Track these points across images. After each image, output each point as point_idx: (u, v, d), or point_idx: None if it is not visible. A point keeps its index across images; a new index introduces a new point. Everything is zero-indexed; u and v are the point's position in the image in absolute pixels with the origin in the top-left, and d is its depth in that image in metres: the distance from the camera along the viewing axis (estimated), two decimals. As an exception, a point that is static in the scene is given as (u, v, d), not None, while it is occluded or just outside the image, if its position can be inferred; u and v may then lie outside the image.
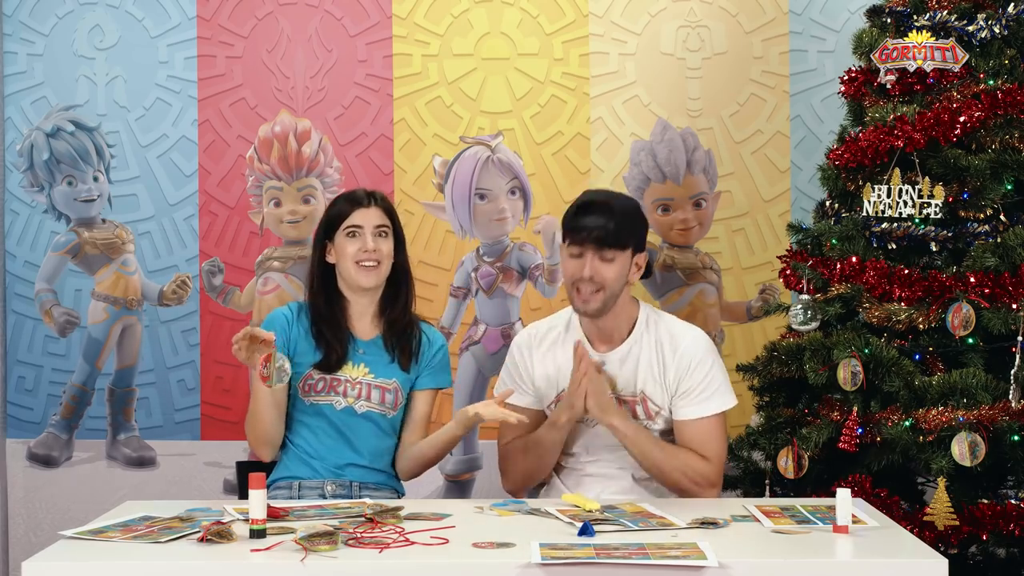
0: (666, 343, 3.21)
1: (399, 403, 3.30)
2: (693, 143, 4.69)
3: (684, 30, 4.71)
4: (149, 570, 2.46)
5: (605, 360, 3.19)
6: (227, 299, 4.72)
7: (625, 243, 3.13)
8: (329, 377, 3.27)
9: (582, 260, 3.12)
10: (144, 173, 4.74)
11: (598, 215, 3.11)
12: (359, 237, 3.26)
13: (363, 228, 3.26)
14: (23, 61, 4.75)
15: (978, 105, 3.66)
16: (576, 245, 3.13)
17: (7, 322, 4.76)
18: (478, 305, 4.69)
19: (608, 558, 2.40)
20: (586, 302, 3.13)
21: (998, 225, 3.66)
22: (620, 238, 3.11)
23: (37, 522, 4.69)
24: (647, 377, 3.19)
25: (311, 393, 3.27)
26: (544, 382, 3.25)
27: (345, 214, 3.28)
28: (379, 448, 3.31)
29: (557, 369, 3.24)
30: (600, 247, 3.10)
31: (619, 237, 3.11)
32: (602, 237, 3.10)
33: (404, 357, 3.31)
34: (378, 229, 3.27)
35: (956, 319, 3.51)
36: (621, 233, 3.11)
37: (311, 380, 3.27)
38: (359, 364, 3.28)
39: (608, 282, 3.12)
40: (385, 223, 3.28)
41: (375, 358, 3.29)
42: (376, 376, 3.27)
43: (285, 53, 4.73)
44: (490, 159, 4.70)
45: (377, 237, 3.26)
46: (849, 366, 3.53)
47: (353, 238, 3.26)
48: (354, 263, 3.25)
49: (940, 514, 3.39)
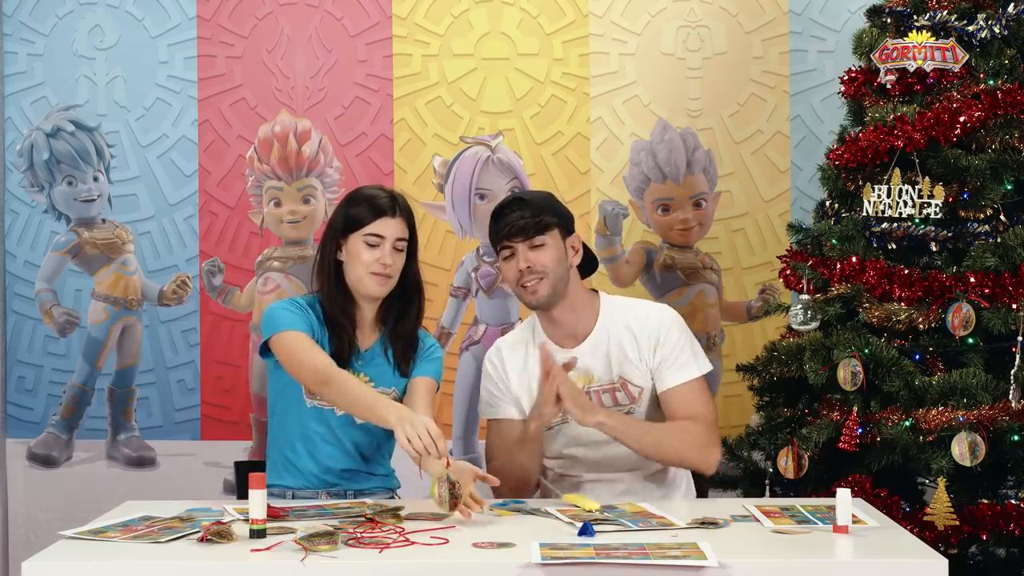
0: (633, 322, 3.22)
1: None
2: (693, 143, 4.69)
3: (684, 30, 4.71)
4: (149, 570, 2.46)
5: (576, 355, 3.19)
6: (227, 299, 4.72)
7: (547, 225, 3.18)
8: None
9: (515, 258, 3.17)
10: (144, 173, 4.74)
11: (511, 211, 3.18)
12: (378, 248, 3.15)
13: (385, 240, 3.16)
14: (23, 61, 4.75)
15: (978, 105, 3.66)
16: (505, 248, 3.18)
17: (7, 322, 4.76)
18: (478, 305, 4.70)
19: (608, 558, 2.40)
20: (534, 293, 3.17)
21: (998, 225, 3.66)
22: (540, 223, 3.16)
23: (37, 522, 4.69)
24: (622, 360, 3.20)
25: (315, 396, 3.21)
26: (521, 390, 3.25)
27: (367, 220, 3.16)
28: (377, 453, 3.27)
29: (530, 374, 3.24)
30: (525, 238, 3.16)
31: (539, 222, 3.16)
32: (523, 227, 3.15)
33: (403, 363, 3.25)
34: (399, 243, 3.17)
35: (956, 319, 3.52)
36: (540, 218, 3.16)
37: None
38: (359, 373, 3.21)
39: (546, 267, 3.16)
40: (405, 236, 3.19)
41: (375, 367, 3.22)
42: (376, 385, 3.21)
43: (285, 53, 4.73)
44: (490, 159, 4.71)
45: (395, 251, 3.18)
46: (849, 366, 3.54)
47: (372, 248, 3.15)
48: (368, 272, 3.18)
49: (940, 514, 3.39)
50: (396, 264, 3.17)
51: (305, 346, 3.09)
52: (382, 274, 3.16)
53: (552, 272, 3.15)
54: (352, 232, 3.17)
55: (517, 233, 3.15)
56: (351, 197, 3.25)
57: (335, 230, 3.21)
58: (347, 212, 3.20)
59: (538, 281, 3.15)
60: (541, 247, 3.16)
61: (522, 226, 3.14)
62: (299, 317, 3.14)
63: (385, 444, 3.27)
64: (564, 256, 3.19)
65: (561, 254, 3.18)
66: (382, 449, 3.28)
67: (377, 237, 3.16)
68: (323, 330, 3.19)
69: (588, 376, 3.20)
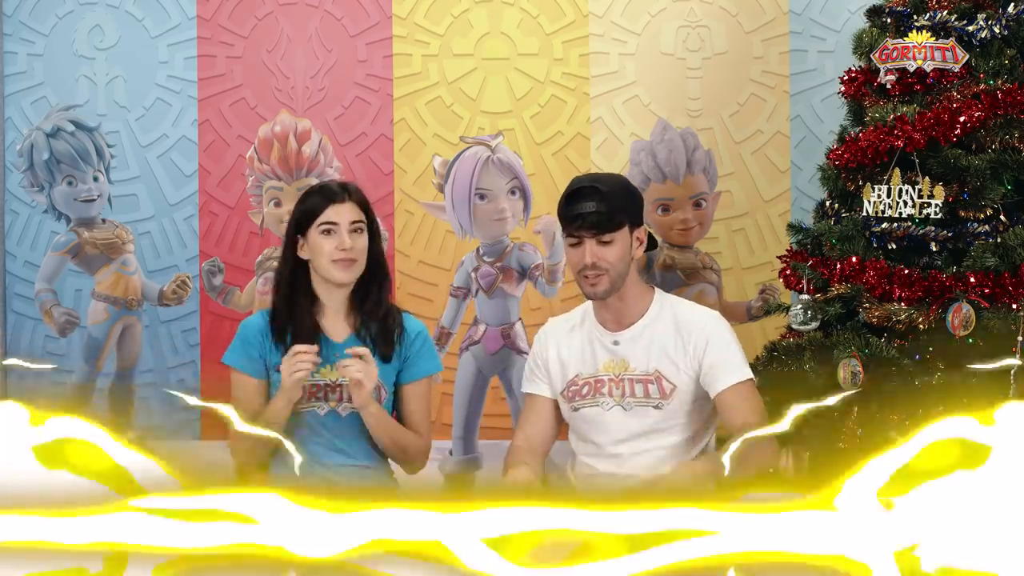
0: (682, 321, 3.21)
1: (384, 397, 3.24)
2: (693, 143, 4.69)
3: (684, 30, 4.71)
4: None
5: (619, 340, 3.20)
6: (227, 299, 4.72)
7: (620, 222, 3.14)
8: (308, 384, 3.19)
9: (582, 248, 3.14)
10: (144, 173, 4.74)
11: (588, 200, 3.13)
12: (335, 235, 3.19)
13: (339, 225, 3.19)
14: (23, 61, 4.75)
15: (978, 105, 3.66)
16: (573, 235, 3.15)
17: (7, 322, 4.76)
18: (478, 305, 4.69)
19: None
20: (594, 286, 3.15)
21: (998, 225, 3.66)
22: (614, 219, 3.13)
23: (37, 522, 4.69)
24: (661, 356, 3.19)
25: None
26: (557, 365, 3.26)
27: (319, 210, 3.20)
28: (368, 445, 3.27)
29: (569, 351, 3.25)
30: (597, 232, 3.12)
31: (612, 218, 3.12)
32: (596, 222, 3.11)
33: (386, 346, 3.25)
34: (353, 225, 3.20)
35: (956, 319, 3.52)
36: (614, 214, 3.13)
37: None
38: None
39: (611, 263, 3.14)
40: (360, 219, 3.22)
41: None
42: None
43: (285, 53, 4.73)
44: (490, 159, 4.70)
45: (352, 233, 3.20)
46: (849, 366, 3.53)
47: (328, 235, 3.19)
48: (331, 261, 3.21)
49: (940, 514, 3.38)
50: (357, 246, 3.20)
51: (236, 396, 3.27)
52: (345, 259, 3.19)
53: (615, 268, 3.14)
54: (308, 226, 3.21)
55: (589, 227, 3.11)
56: (301, 196, 3.33)
57: (291, 230, 3.27)
58: (299, 209, 3.27)
59: (598, 276, 3.13)
60: (609, 244, 3.13)
61: (594, 221, 3.10)
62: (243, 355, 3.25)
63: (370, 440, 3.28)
64: (629, 249, 3.18)
65: (627, 249, 3.17)
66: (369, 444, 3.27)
67: (331, 224, 3.19)
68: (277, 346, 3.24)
69: (623, 363, 3.20)
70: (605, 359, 3.21)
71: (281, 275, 3.28)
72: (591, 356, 3.22)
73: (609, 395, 3.18)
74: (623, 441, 3.20)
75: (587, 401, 3.20)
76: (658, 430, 3.18)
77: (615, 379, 3.19)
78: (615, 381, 3.19)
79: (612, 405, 3.19)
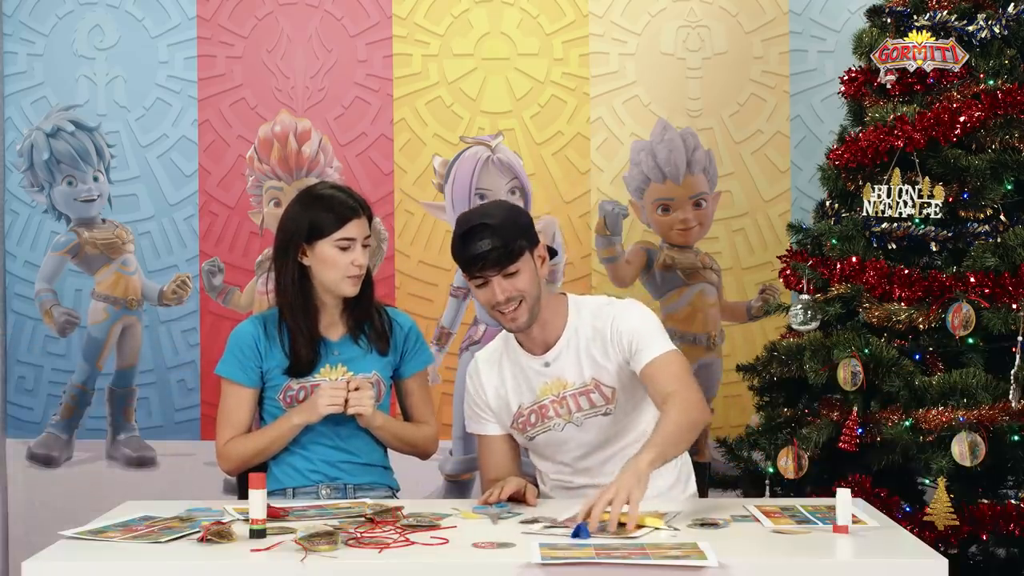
0: (595, 319, 3.15)
1: (383, 393, 3.26)
2: (693, 143, 4.69)
3: (684, 30, 4.71)
4: (149, 570, 2.46)
5: (548, 361, 3.17)
6: (227, 299, 4.72)
7: (519, 250, 3.05)
8: (310, 385, 3.21)
9: (490, 287, 3.05)
10: (144, 173, 4.74)
11: (481, 239, 3.02)
12: (351, 250, 3.17)
13: (355, 241, 3.18)
14: (23, 61, 4.75)
15: (978, 105, 3.66)
16: (477, 276, 3.06)
17: (7, 322, 4.76)
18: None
19: (608, 558, 2.40)
20: (514, 320, 3.09)
21: (998, 225, 3.66)
22: (512, 250, 3.03)
23: (37, 522, 4.69)
24: (591, 363, 3.14)
25: (293, 404, 3.23)
26: (497, 402, 3.23)
27: (336, 225, 3.17)
28: (371, 443, 3.28)
29: (503, 385, 3.21)
30: (500, 268, 3.03)
31: (511, 250, 3.03)
32: (497, 259, 3.02)
33: (380, 341, 3.27)
34: (366, 241, 3.21)
35: (956, 319, 3.52)
36: (510, 246, 3.02)
37: (291, 391, 3.22)
38: (336, 365, 3.23)
39: (523, 290, 3.06)
40: (369, 233, 3.23)
41: (350, 355, 3.25)
42: (356, 372, 3.24)
43: (285, 53, 4.73)
44: (490, 159, 4.71)
45: (364, 249, 3.20)
46: (849, 366, 3.53)
47: (344, 251, 3.17)
48: (345, 276, 3.18)
49: (940, 514, 3.39)
50: (366, 262, 3.22)
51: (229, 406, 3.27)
52: (358, 276, 3.19)
53: (529, 293, 3.07)
54: (318, 239, 3.17)
55: (492, 265, 3.02)
56: (307, 202, 3.23)
57: (297, 236, 3.20)
58: (310, 219, 3.18)
59: (516, 307, 3.06)
60: (515, 274, 3.05)
61: (496, 258, 3.01)
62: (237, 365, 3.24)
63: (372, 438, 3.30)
64: (536, 271, 3.10)
65: (534, 272, 3.09)
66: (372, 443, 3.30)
67: (349, 240, 3.17)
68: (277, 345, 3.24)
69: (559, 382, 3.17)
70: (540, 384, 3.16)
71: (287, 281, 3.23)
72: (527, 385, 3.17)
73: (557, 416, 3.15)
74: (587, 455, 3.18)
75: (538, 428, 3.18)
76: (615, 434, 3.16)
77: (557, 399, 3.15)
78: (557, 402, 3.15)
79: (564, 425, 3.16)
